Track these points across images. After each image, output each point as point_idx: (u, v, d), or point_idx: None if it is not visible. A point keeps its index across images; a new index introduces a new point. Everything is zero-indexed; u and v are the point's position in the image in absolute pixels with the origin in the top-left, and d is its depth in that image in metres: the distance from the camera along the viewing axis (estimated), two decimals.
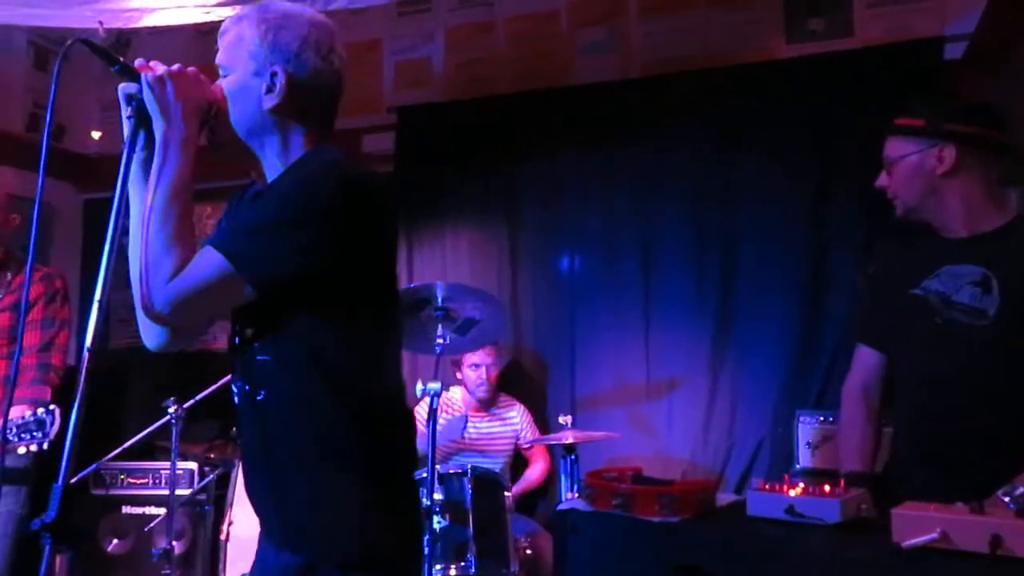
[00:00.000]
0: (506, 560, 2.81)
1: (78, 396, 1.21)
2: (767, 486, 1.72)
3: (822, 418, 2.93)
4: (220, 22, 2.93)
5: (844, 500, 1.60)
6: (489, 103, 3.85)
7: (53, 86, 1.29)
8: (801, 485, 1.67)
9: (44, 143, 1.31)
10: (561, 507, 1.94)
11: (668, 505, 1.73)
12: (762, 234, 3.36)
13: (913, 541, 1.43)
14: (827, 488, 1.66)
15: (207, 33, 4.14)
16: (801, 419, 2.99)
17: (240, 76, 1.38)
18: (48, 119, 1.31)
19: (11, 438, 2.24)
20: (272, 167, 1.41)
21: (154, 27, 2.99)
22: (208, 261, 1.26)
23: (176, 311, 1.26)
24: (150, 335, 1.42)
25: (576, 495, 2.85)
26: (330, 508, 1.35)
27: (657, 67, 3.66)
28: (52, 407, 2.24)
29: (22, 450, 2.24)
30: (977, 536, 1.38)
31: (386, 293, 1.44)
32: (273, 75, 1.35)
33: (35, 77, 4.42)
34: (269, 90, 1.36)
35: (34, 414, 2.24)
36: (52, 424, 2.21)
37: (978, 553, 1.38)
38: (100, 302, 1.25)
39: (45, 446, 2.22)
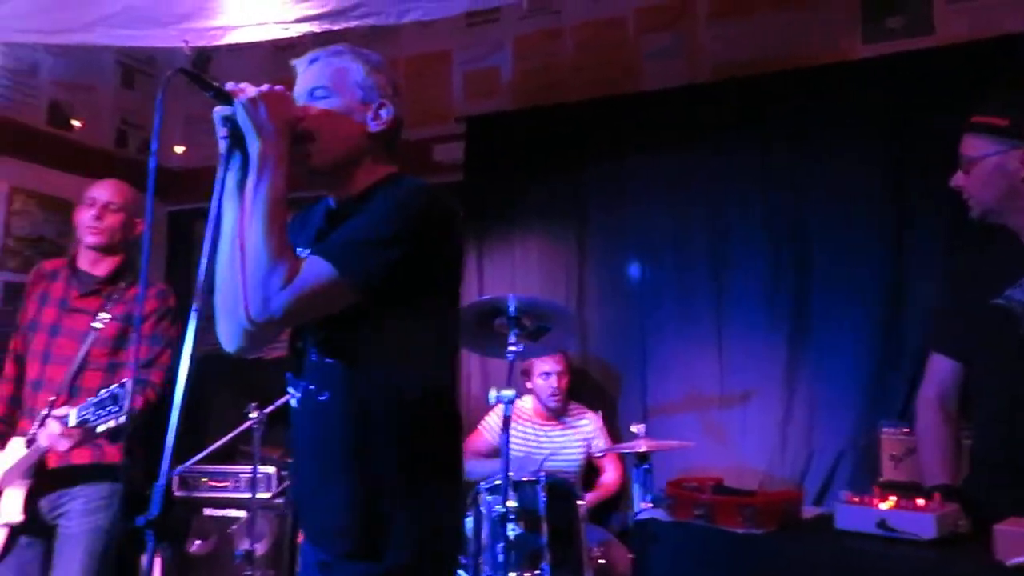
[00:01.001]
0: (580, 569, 2.80)
1: (179, 398, 1.27)
2: (856, 499, 1.67)
3: (907, 429, 2.83)
4: (295, 39, 3.05)
5: (940, 515, 1.54)
6: (557, 110, 3.85)
7: (157, 118, 1.37)
8: (893, 498, 1.62)
9: (151, 169, 1.37)
10: (640, 517, 1.92)
11: (751, 516, 1.70)
12: (839, 238, 3.28)
13: (1018, 559, 1.37)
14: (921, 502, 1.60)
15: (283, 49, 4.29)
16: (884, 430, 2.90)
17: (348, 100, 1.52)
18: (153, 147, 1.38)
19: (90, 416, 2.24)
20: (353, 185, 1.53)
21: (236, 44, 3.08)
22: (318, 270, 1.35)
23: (289, 315, 1.36)
24: (231, 338, 1.48)
25: (650, 505, 2.82)
26: (370, 510, 1.42)
27: (727, 71, 3.61)
28: (124, 381, 2.24)
29: (101, 428, 2.23)
30: None
31: (451, 306, 1.57)
32: (381, 105, 1.53)
33: (122, 95, 4.63)
34: (376, 117, 1.52)
35: (109, 390, 2.23)
36: (125, 397, 2.20)
37: None
38: (197, 310, 1.32)
39: (122, 419, 2.20)
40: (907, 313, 3.14)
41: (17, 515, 2.41)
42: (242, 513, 3.51)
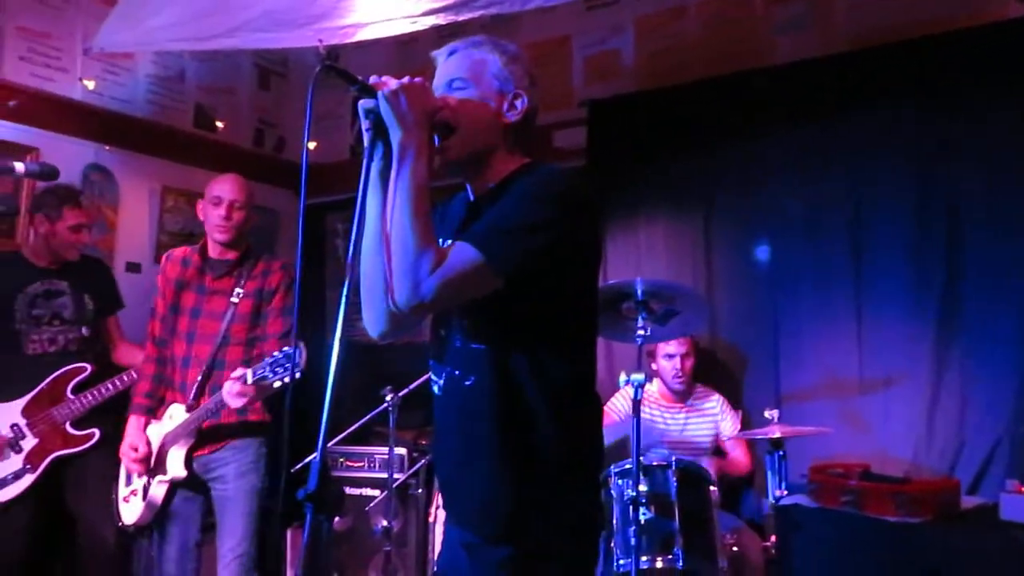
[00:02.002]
0: (713, 556, 2.75)
1: (330, 380, 1.34)
2: None
3: None
4: (418, 33, 3.11)
5: None
6: (682, 91, 3.77)
7: (308, 113, 1.44)
8: None
9: (303, 164, 1.43)
10: (783, 502, 1.87)
11: (905, 504, 1.62)
12: (994, 212, 3.05)
13: None
14: None
15: (405, 43, 4.40)
16: None
17: (485, 91, 1.54)
18: (305, 140, 1.45)
19: (267, 374, 2.44)
20: (490, 175, 1.55)
21: (366, 40, 3.19)
22: (464, 255, 1.38)
23: (437, 299, 1.38)
24: (376, 324, 1.54)
25: (785, 492, 2.74)
26: (516, 493, 1.45)
27: (864, 39, 3.41)
28: (298, 343, 2.43)
29: (277, 383, 2.42)
30: None
31: (591, 290, 1.56)
32: (516, 96, 1.55)
33: (259, 96, 4.90)
34: (511, 108, 1.54)
35: (283, 351, 2.42)
36: (301, 355, 2.38)
37: None
38: (347, 298, 1.37)
39: (297, 375, 2.36)
40: None
41: (181, 471, 2.69)
42: (375, 492, 3.66)
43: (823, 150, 3.42)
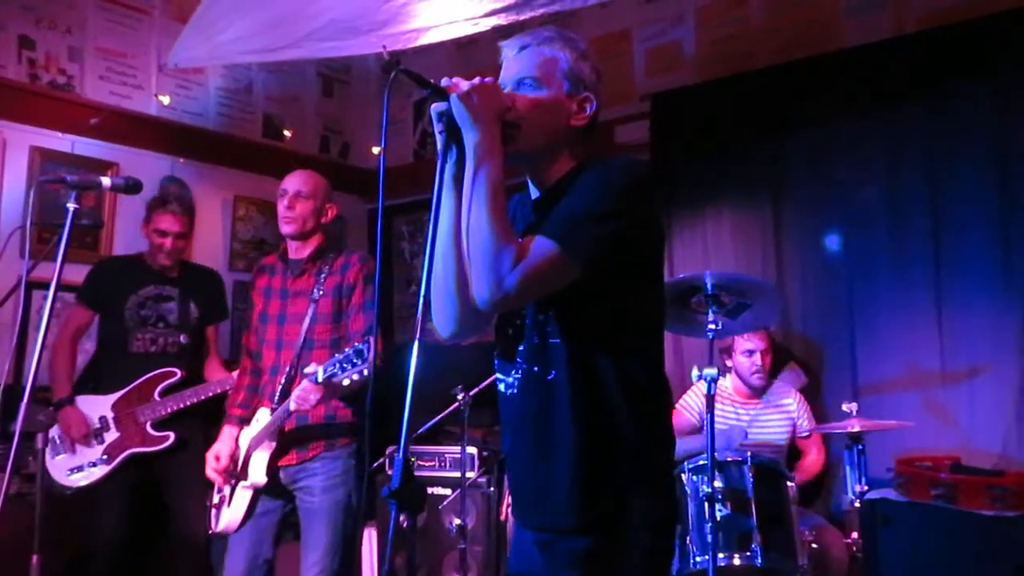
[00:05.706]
0: (793, 553, 2.69)
1: (410, 380, 1.35)
2: None
3: None
4: (476, 36, 3.11)
5: None
6: (747, 79, 3.70)
7: (385, 117, 1.46)
8: None
9: (381, 167, 1.46)
10: (869, 496, 1.82)
11: (1002, 498, 1.56)
12: None
13: None
14: None
15: (464, 46, 4.43)
16: None
17: (555, 92, 1.53)
18: (383, 144, 1.47)
19: (336, 371, 2.32)
20: (553, 172, 1.55)
21: (426, 45, 3.22)
22: (542, 247, 1.39)
23: (521, 292, 1.39)
24: (447, 324, 1.55)
25: (867, 488, 2.66)
26: (599, 484, 1.45)
27: (937, 18, 3.30)
28: (367, 339, 2.35)
29: (346, 382, 2.32)
30: None
31: (659, 280, 1.57)
32: (585, 99, 1.54)
33: (323, 104, 5.00)
34: (580, 110, 1.53)
35: (353, 347, 2.32)
36: (370, 351, 2.26)
37: None
38: (425, 297, 1.39)
39: (366, 372, 2.26)
40: None
41: (262, 478, 2.57)
42: (446, 491, 3.69)
43: (897, 135, 3.32)
